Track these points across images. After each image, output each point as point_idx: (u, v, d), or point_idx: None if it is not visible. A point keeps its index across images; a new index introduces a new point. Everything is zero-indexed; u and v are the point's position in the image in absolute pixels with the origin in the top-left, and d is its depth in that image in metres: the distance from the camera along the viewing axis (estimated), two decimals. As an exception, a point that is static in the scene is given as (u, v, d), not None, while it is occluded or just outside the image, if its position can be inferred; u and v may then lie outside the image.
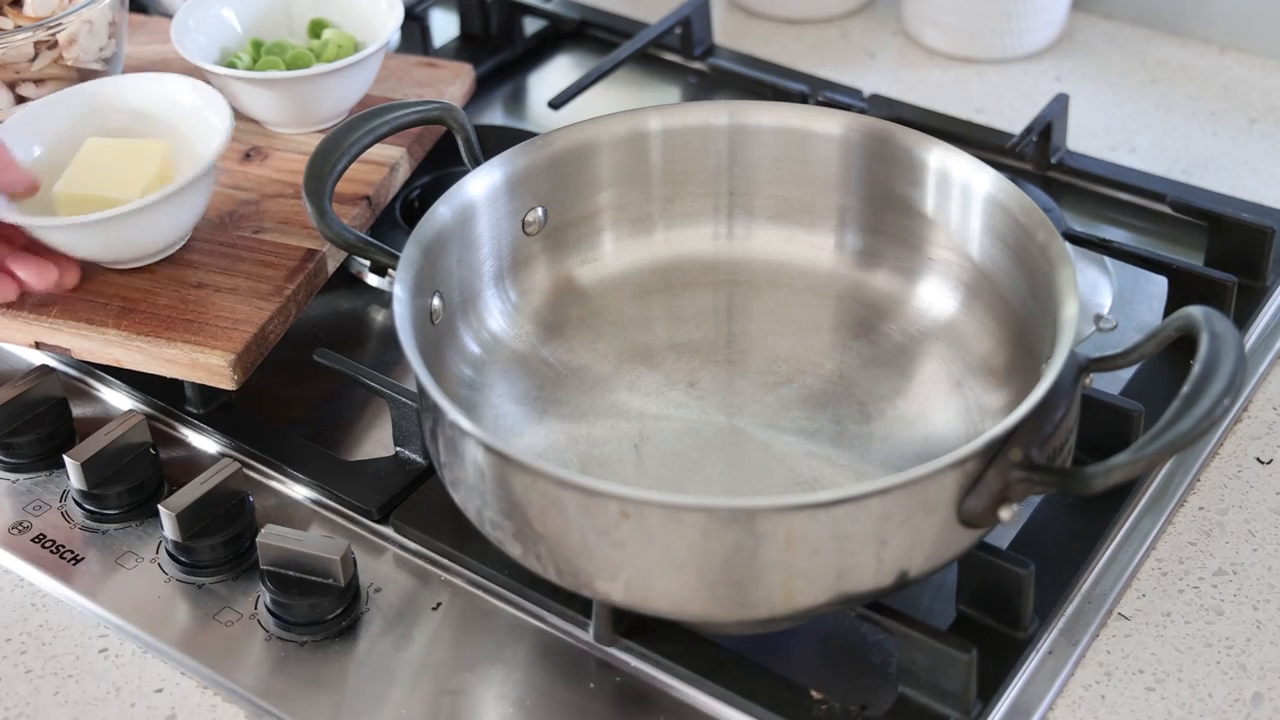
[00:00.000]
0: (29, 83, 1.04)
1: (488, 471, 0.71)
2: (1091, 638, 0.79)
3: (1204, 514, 0.85)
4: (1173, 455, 0.68)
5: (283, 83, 1.03)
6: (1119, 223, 1.06)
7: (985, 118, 1.17)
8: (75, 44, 1.03)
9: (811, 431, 0.83)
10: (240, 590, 0.83)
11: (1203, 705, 0.75)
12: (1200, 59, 1.23)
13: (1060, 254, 0.78)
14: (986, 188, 0.84)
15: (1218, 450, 0.89)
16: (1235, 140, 1.14)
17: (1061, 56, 1.25)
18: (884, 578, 0.70)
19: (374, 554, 0.84)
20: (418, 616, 0.81)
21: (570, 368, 0.87)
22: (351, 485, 0.87)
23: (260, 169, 1.04)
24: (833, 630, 0.79)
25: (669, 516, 0.67)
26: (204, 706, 0.78)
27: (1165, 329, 0.73)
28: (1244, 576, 0.82)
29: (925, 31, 1.26)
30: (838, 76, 1.21)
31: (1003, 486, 0.69)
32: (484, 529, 0.75)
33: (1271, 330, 0.96)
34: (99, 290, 0.95)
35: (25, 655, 0.81)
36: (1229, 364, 0.68)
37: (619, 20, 1.27)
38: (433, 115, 0.89)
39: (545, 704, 0.76)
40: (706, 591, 0.69)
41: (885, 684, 0.76)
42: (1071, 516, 0.83)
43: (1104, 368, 0.76)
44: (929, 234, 0.88)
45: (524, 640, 0.80)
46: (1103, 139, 1.15)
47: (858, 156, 0.89)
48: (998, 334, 0.85)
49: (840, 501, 0.67)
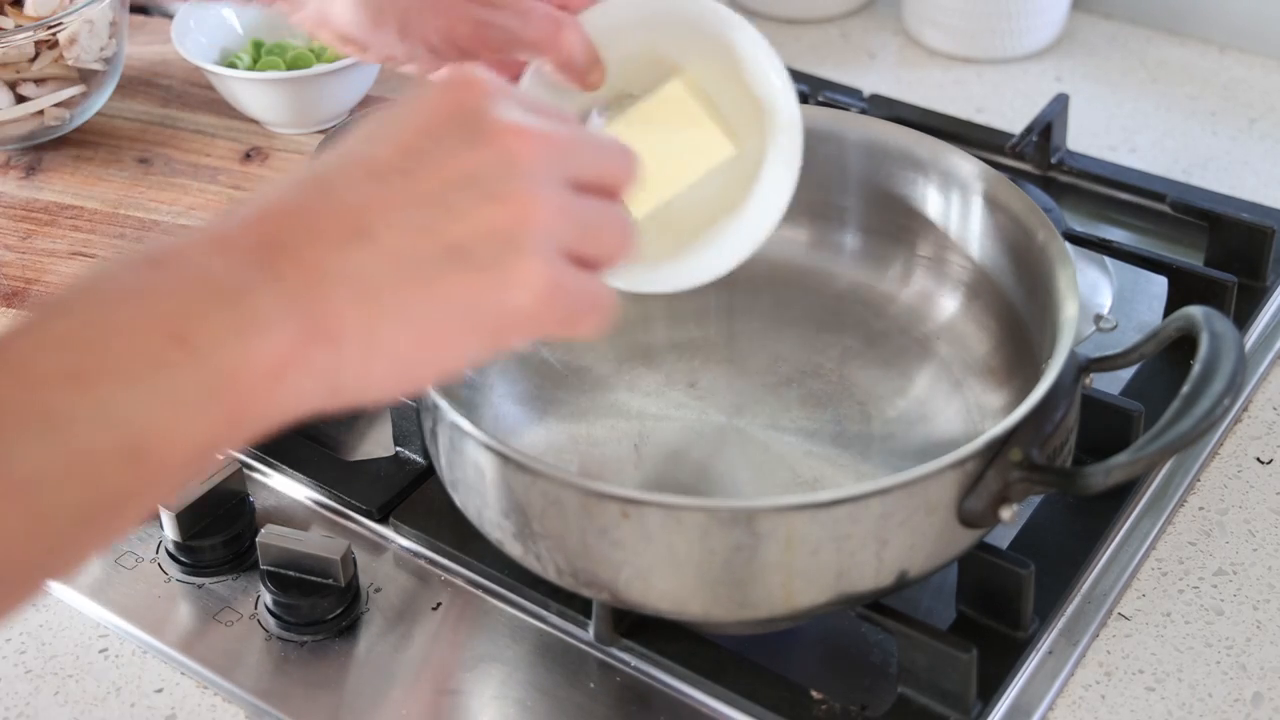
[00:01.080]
0: (29, 82, 1.04)
1: (488, 471, 0.71)
2: (1091, 638, 0.79)
3: (1204, 514, 0.85)
4: (1173, 455, 0.68)
5: (283, 83, 1.03)
6: (1119, 223, 1.06)
7: (985, 118, 1.17)
8: (76, 44, 1.03)
9: (811, 431, 0.83)
10: (240, 590, 0.83)
11: (1203, 705, 0.75)
12: (1200, 59, 1.23)
13: (1060, 254, 0.78)
14: (986, 188, 0.84)
15: (1218, 450, 0.89)
16: (1235, 140, 1.14)
17: (1061, 56, 1.25)
18: (884, 578, 0.70)
19: (374, 554, 0.84)
20: (418, 616, 0.81)
21: (570, 368, 0.87)
22: (351, 485, 0.87)
23: (260, 169, 1.04)
24: (833, 630, 0.79)
25: (669, 516, 0.67)
26: (204, 706, 0.78)
27: (1165, 329, 0.73)
28: (1244, 576, 0.82)
29: (925, 31, 1.26)
30: (838, 76, 1.21)
31: (1003, 486, 0.69)
32: (484, 529, 0.74)
33: (1271, 330, 0.96)
34: (99, 290, 0.95)
35: (25, 655, 0.81)
36: (1229, 364, 0.68)
37: (619, 20, 1.27)
38: (433, 115, 0.89)
39: (545, 704, 0.76)
40: (706, 591, 0.69)
41: (885, 684, 0.76)
42: (1071, 516, 0.83)
43: (1104, 368, 0.76)
44: (929, 234, 0.88)
45: (524, 640, 0.79)
46: (1103, 139, 1.15)
47: (858, 156, 0.89)
48: (998, 334, 0.85)
49: (840, 501, 0.67)
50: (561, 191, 0.57)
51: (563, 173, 0.57)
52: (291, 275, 0.51)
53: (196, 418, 0.50)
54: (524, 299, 0.55)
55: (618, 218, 0.60)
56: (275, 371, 0.51)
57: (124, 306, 0.50)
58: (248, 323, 0.50)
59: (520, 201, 0.55)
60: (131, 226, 1.00)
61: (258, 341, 0.50)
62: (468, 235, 0.54)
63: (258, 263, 0.51)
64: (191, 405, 0.50)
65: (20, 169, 1.06)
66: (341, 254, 0.52)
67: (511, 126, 0.56)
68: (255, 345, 0.50)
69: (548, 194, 0.56)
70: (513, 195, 0.55)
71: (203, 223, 0.55)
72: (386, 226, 0.53)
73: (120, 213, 1.02)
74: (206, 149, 1.07)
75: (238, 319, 0.50)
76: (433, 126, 0.56)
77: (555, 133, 0.57)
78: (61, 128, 1.06)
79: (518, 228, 0.55)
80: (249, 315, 0.50)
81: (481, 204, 0.54)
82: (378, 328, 0.53)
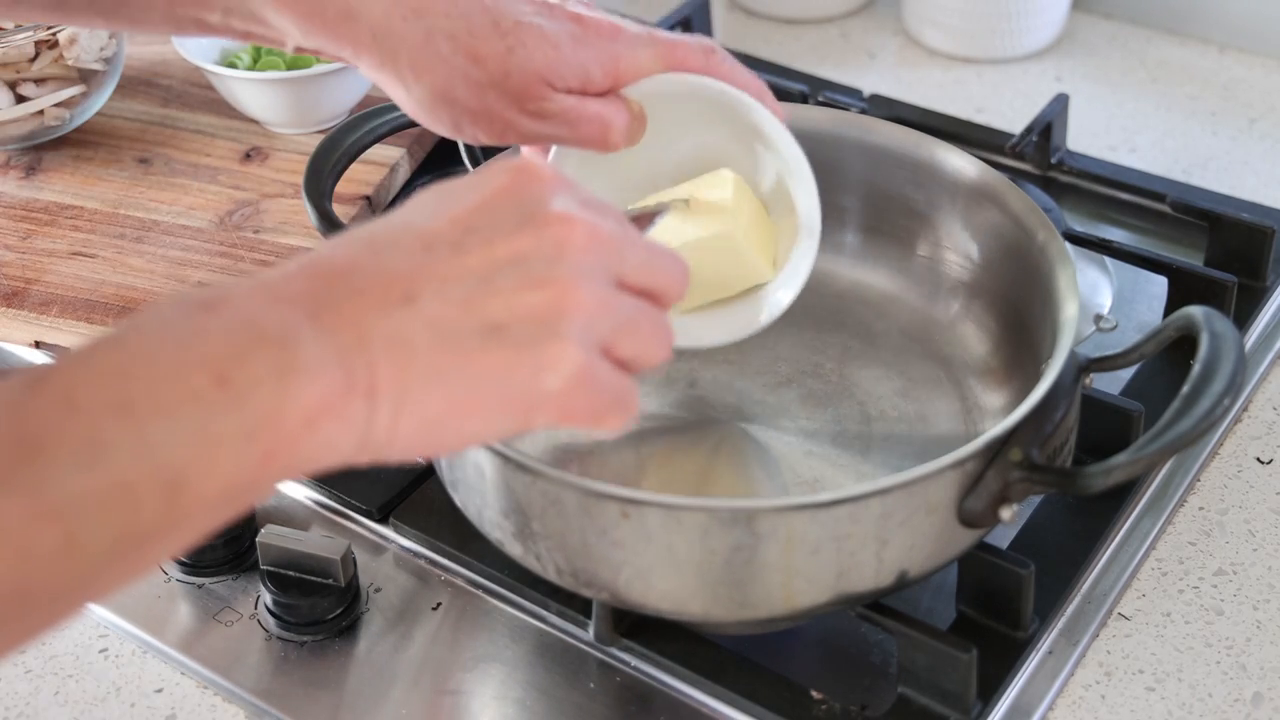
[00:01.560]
0: (29, 82, 1.04)
1: (488, 471, 0.71)
2: (1091, 638, 0.79)
3: (1204, 514, 0.85)
4: (1173, 455, 0.68)
5: (283, 83, 1.03)
6: (1119, 223, 1.06)
7: (985, 118, 1.17)
8: (76, 44, 1.03)
9: (811, 431, 0.83)
10: (240, 590, 0.83)
11: (1203, 705, 0.75)
12: (1200, 59, 1.23)
13: (1060, 254, 0.78)
14: (986, 188, 0.84)
15: (1218, 450, 0.89)
16: (1235, 140, 1.14)
17: (1061, 56, 1.25)
18: (884, 578, 0.70)
19: (374, 554, 0.84)
20: (418, 616, 0.81)
21: (570, 368, 0.87)
22: (351, 485, 0.87)
23: (260, 169, 1.04)
24: (833, 630, 0.79)
25: (669, 516, 0.67)
26: (204, 706, 0.78)
27: (1165, 329, 0.73)
28: (1244, 576, 0.82)
29: (925, 31, 1.26)
30: (838, 76, 1.21)
31: (1003, 486, 0.69)
32: (484, 529, 0.75)
33: (1271, 330, 0.96)
34: (98, 289, 0.95)
35: (25, 655, 0.81)
36: (1229, 364, 0.68)
37: (619, 20, 1.27)
38: (433, 115, 0.89)
39: (545, 704, 0.76)
40: (706, 591, 0.69)
41: (885, 684, 0.76)
42: (1071, 516, 0.83)
43: (1104, 368, 0.76)
44: (929, 234, 0.88)
45: (524, 640, 0.79)
46: (1103, 139, 1.15)
47: (857, 156, 0.89)
48: (998, 334, 0.85)
49: (840, 501, 0.67)
50: (606, 286, 0.58)
51: (610, 269, 0.59)
52: (334, 328, 0.53)
53: (233, 456, 0.51)
54: (555, 382, 0.56)
55: (658, 323, 0.61)
56: (311, 418, 0.52)
57: (172, 345, 0.51)
58: (288, 368, 0.52)
59: (563, 288, 0.56)
60: (131, 226, 1.00)
61: (297, 387, 0.52)
62: (507, 314, 0.55)
63: (303, 313, 0.53)
64: (229, 444, 0.51)
65: (20, 169, 1.06)
66: (384, 314, 0.54)
67: (565, 216, 0.58)
68: (294, 390, 0.52)
69: (591, 286, 0.57)
70: (556, 281, 0.56)
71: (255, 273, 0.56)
72: (430, 295, 0.55)
73: (120, 213, 1.02)
74: (206, 149, 1.07)
75: (280, 364, 0.52)
76: (489, 205, 0.58)
77: (609, 230, 0.59)
78: (61, 128, 1.06)
79: (556, 313, 0.56)
80: (290, 361, 0.52)
81: (524, 287, 0.56)
82: (411, 387, 0.54)
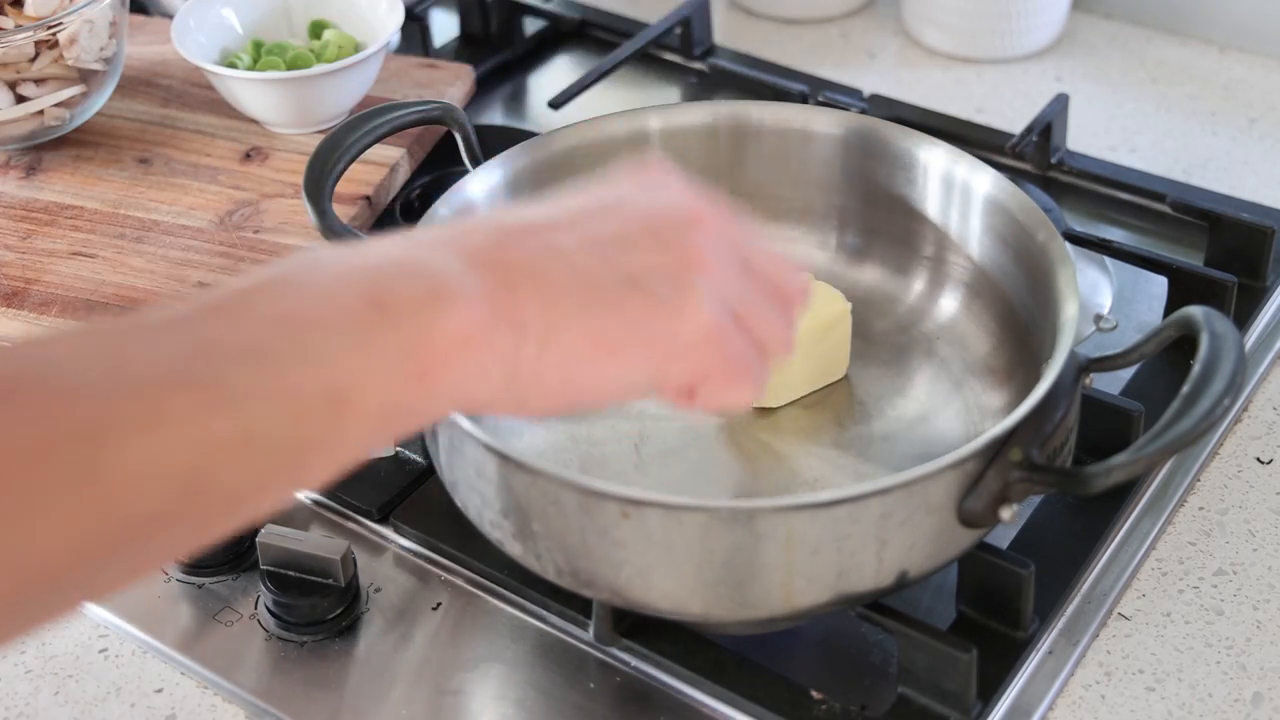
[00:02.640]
0: (29, 82, 1.04)
1: (488, 471, 0.71)
2: (1091, 638, 0.79)
3: (1204, 514, 0.85)
4: (1173, 455, 0.68)
5: (283, 83, 1.03)
6: (1119, 223, 1.06)
7: (985, 118, 1.17)
8: (76, 44, 1.03)
9: (811, 431, 0.83)
10: (240, 590, 0.83)
11: (1203, 705, 0.75)
12: (1200, 59, 1.23)
13: (1060, 254, 0.78)
14: (986, 188, 0.84)
15: (1218, 450, 0.89)
16: (1235, 140, 1.14)
17: (1061, 56, 1.25)
18: (884, 578, 0.70)
19: (374, 554, 0.84)
20: (418, 616, 0.81)
21: (570, 368, 0.87)
22: (351, 485, 0.87)
23: (260, 169, 1.04)
24: (833, 630, 0.79)
25: (669, 516, 0.67)
26: (204, 706, 0.78)
27: (1165, 329, 0.73)
28: (1244, 576, 0.82)
29: (925, 31, 1.26)
30: (837, 76, 1.21)
31: (1003, 486, 0.69)
32: (484, 529, 0.75)
33: (1271, 330, 0.96)
34: (98, 289, 0.95)
35: (25, 655, 0.81)
36: (1229, 364, 0.68)
37: (619, 20, 1.27)
38: (433, 115, 0.89)
39: (545, 704, 0.76)
40: (706, 591, 0.69)
41: (885, 684, 0.76)
42: (1071, 516, 0.83)
43: (1104, 368, 0.76)
44: (929, 234, 0.88)
45: (524, 640, 0.80)
46: (1103, 139, 1.15)
47: (858, 157, 0.89)
48: (998, 334, 0.85)
49: (840, 501, 0.67)
50: (735, 263, 0.62)
51: (739, 252, 0.62)
52: (482, 265, 0.56)
53: (392, 370, 0.53)
54: (692, 331, 0.59)
55: (784, 313, 0.64)
56: (463, 341, 0.54)
57: (328, 275, 0.54)
58: (439, 295, 0.54)
59: (696, 253, 0.60)
60: (131, 226, 1.00)
61: (447, 312, 0.54)
62: (644, 269, 0.59)
63: (451, 252, 0.56)
64: (385, 359, 0.53)
65: (20, 169, 1.06)
66: (531, 259, 0.57)
67: (700, 202, 0.62)
68: (445, 314, 0.54)
69: (722, 258, 0.61)
70: (688, 248, 0.60)
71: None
72: (572, 247, 0.58)
73: (120, 213, 1.02)
74: (206, 149, 1.07)
75: (430, 291, 0.54)
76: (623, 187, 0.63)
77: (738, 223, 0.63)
78: (61, 128, 1.06)
79: (690, 271, 0.59)
80: (443, 290, 0.54)
81: (657, 249, 0.60)
82: (558, 323, 0.57)
